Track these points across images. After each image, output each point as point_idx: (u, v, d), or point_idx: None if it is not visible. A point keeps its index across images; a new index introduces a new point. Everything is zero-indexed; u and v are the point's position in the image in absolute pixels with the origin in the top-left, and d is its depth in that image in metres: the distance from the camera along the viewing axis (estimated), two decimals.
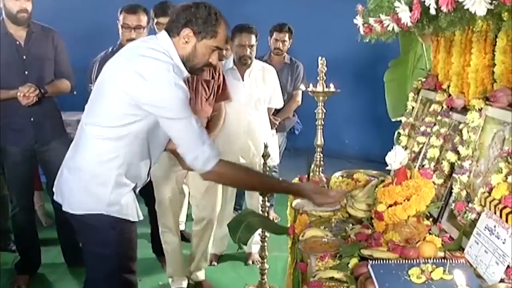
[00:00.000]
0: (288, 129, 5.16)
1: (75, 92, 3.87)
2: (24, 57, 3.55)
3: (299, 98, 4.94)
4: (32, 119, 3.62)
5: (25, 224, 3.83)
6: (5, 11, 3.47)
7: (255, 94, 4.08)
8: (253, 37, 3.95)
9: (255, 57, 4.08)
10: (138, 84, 2.10)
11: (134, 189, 2.35)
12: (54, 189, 2.43)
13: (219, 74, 3.59)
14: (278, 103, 4.42)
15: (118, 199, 2.27)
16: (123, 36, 3.60)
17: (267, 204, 2.97)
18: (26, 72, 3.55)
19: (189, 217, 4.34)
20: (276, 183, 2.65)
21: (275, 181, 2.83)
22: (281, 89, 4.39)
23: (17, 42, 3.53)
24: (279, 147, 4.95)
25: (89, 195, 2.26)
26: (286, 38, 4.89)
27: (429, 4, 1.74)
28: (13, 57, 3.53)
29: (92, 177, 2.25)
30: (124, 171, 2.26)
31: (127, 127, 2.18)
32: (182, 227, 4.47)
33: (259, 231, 2.99)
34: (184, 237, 4.18)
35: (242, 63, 3.99)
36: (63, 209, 2.33)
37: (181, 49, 2.22)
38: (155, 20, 3.71)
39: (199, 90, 3.45)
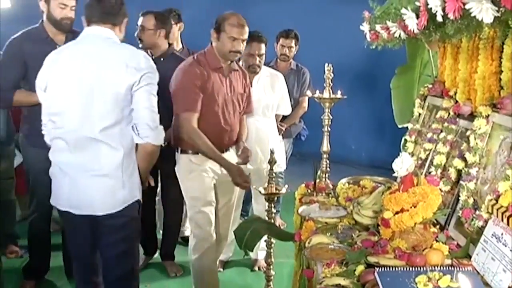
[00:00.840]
0: (295, 135, 5.16)
1: None
2: None
3: (305, 104, 4.94)
4: None
5: (41, 230, 3.80)
6: (48, 16, 3.49)
7: (263, 101, 4.08)
8: (263, 46, 3.95)
9: None
10: (134, 74, 2.45)
11: None
12: (71, 206, 2.55)
13: (248, 87, 3.54)
14: (286, 109, 4.42)
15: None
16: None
17: (273, 210, 2.97)
18: None
19: None
20: None
21: None
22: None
23: (57, 46, 3.43)
24: (286, 153, 4.95)
25: (128, 186, 2.51)
26: (293, 44, 4.90)
27: (436, 11, 1.74)
28: None
29: (128, 167, 2.53)
30: None
31: None
32: (187, 232, 4.45)
33: (265, 237, 2.99)
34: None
35: (250, 71, 3.99)
36: (99, 213, 2.51)
37: (119, 36, 2.63)
38: None
39: (235, 103, 3.40)
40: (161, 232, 4.31)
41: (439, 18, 1.75)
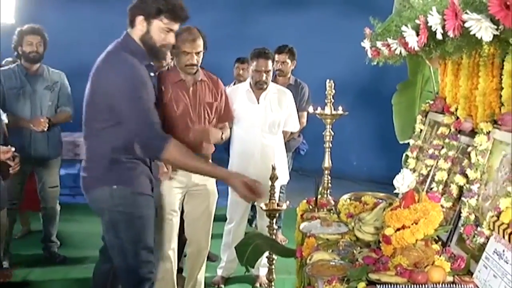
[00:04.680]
0: (293, 150, 5.16)
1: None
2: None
3: (304, 119, 4.94)
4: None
5: None
6: (143, 38, 2.77)
7: (270, 117, 4.08)
8: (270, 62, 3.97)
9: None
10: None
11: None
12: None
13: (221, 95, 3.52)
14: (294, 126, 4.41)
15: None
16: None
17: (275, 226, 2.96)
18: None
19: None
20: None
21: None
22: None
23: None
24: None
25: None
26: (287, 60, 4.92)
27: (436, 29, 1.76)
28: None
29: None
30: None
31: None
32: None
33: (267, 253, 2.98)
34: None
35: (257, 87, 4.01)
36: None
37: None
38: None
39: (202, 113, 3.38)
40: None
41: (439, 36, 1.76)
